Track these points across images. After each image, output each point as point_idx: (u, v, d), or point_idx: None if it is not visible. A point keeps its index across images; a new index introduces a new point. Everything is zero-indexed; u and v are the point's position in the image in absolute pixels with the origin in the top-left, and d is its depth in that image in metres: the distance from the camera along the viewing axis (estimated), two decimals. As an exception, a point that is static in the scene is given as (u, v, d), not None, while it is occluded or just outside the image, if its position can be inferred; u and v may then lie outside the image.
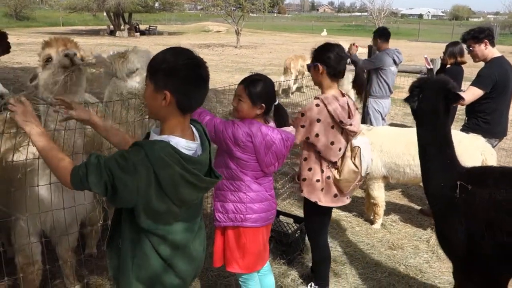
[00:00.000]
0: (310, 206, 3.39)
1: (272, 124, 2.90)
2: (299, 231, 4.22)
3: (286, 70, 13.38)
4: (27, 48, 24.23)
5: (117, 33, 38.44)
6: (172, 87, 1.79)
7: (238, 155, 2.76)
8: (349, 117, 3.17)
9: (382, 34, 6.62)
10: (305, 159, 3.31)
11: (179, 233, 1.93)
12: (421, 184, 4.36)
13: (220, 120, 2.77)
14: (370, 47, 6.93)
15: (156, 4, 42.97)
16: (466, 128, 4.97)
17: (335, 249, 4.51)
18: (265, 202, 2.89)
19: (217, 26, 48.44)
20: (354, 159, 3.25)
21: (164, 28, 47.43)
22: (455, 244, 2.76)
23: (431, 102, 2.83)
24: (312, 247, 3.66)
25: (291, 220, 4.48)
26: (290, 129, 2.87)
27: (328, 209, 3.45)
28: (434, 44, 30.60)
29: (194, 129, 1.98)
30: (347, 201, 3.45)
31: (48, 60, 2.74)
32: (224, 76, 16.07)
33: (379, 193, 4.96)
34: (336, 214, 5.10)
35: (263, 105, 2.77)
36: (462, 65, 6.19)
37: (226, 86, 4.64)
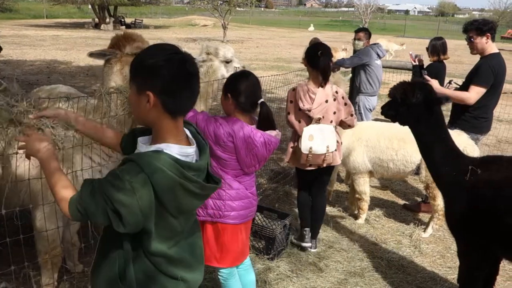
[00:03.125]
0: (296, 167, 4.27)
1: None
2: (283, 227, 4.22)
3: None
4: (9, 41, 23.80)
5: (102, 26, 37.99)
6: (154, 87, 1.61)
7: (218, 154, 2.74)
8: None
9: (365, 32, 6.68)
10: (292, 133, 4.03)
11: (181, 246, 1.81)
12: (405, 179, 4.38)
13: (202, 117, 2.75)
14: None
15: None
16: (453, 124, 4.92)
17: (319, 244, 4.52)
18: (245, 200, 2.87)
19: (204, 20, 48.14)
20: (300, 136, 3.86)
21: (150, 22, 46.98)
22: (463, 223, 3.04)
23: (432, 104, 3.17)
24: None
25: (275, 215, 4.47)
26: (275, 132, 2.80)
27: (302, 171, 4.12)
28: (420, 40, 30.80)
29: (188, 132, 1.81)
30: (310, 167, 4.01)
31: None
32: (210, 71, 15.97)
33: (365, 188, 4.98)
34: (320, 209, 5.10)
35: (228, 95, 2.75)
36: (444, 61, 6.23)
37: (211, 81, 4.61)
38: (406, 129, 4.81)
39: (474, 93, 4.59)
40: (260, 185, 5.93)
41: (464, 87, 4.78)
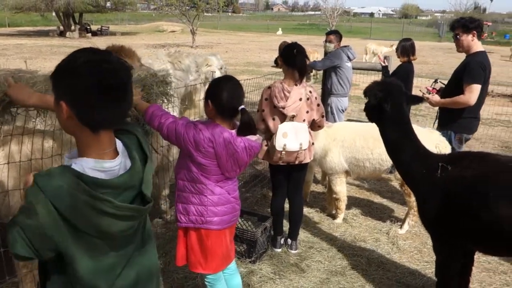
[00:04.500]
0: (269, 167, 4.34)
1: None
2: (263, 229, 4.24)
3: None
4: (-33, 51, 23.13)
5: (67, 33, 37.26)
6: (67, 97, 1.43)
7: (199, 160, 2.71)
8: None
9: (336, 35, 6.79)
10: (264, 132, 4.03)
11: (124, 275, 1.61)
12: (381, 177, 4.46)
13: (182, 122, 2.72)
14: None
15: (108, 4, 41.91)
16: (442, 126, 4.86)
17: (299, 245, 4.56)
18: (227, 205, 2.86)
19: (172, 26, 47.82)
20: (275, 133, 3.92)
21: (117, 29, 46.35)
22: (435, 219, 3.09)
23: (399, 106, 3.24)
24: None
25: (255, 219, 4.49)
26: (256, 137, 2.79)
27: (275, 167, 4.17)
28: (385, 42, 31.43)
29: (120, 144, 1.61)
30: (281, 162, 4.05)
31: None
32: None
33: (341, 188, 5.06)
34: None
35: (209, 101, 2.74)
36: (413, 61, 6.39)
37: (182, 87, 4.62)
38: (381, 128, 4.96)
39: (472, 93, 4.46)
40: (240, 189, 5.93)
41: (452, 85, 4.73)
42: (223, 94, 2.70)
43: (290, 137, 3.91)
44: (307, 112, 3.99)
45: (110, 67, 1.43)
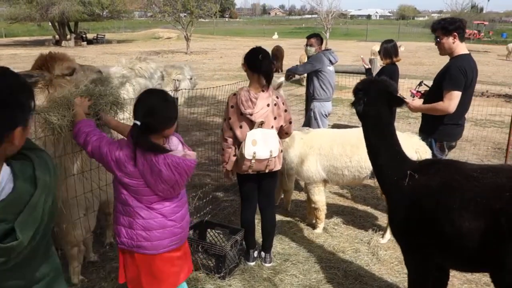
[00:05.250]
0: (237, 176, 4.08)
1: (174, 142, 2.60)
2: (234, 242, 4.04)
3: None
4: (-37, 62, 23.00)
5: (63, 43, 37.26)
6: None
7: (124, 181, 2.50)
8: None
9: (317, 38, 6.62)
10: (226, 140, 3.87)
11: None
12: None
13: (107, 140, 2.53)
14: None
15: (104, 13, 41.90)
16: (424, 132, 4.60)
17: (275, 257, 4.36)
18: (160, 230, 2.60)
19: (168, 33, 47.83)
20: (243, 142, 3.75)
21: (113, 36, 46.35)
22: (403, 229, 2.95)
23: (375, 107, 3.00)
24: None
25: (227, 231, 4.30)
26: (182, 153, 2.53)
27: (243, 176, 3.98)
28: (381, 44, 31.27)
29: (7, 171, 1.46)
30: (250, 171, 3.86)
31: None
32: (171, 83, 15.75)
33: (320, 197, 4.85)
34: (278, 221, 4.94)
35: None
36: (397, 63, 6.21)
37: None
38: (358, 135, 4.76)
39: (451, 100, 4.20)
40: (216, 199, 5.75)
41: (433, 89, 4.49)
42: (140, 107, 2.49)
43: (260, 144, 3.74)
44: (275, 118, 3.84)
45: None
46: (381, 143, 3.07)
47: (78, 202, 3.44)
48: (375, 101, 3.01)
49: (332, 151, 4.67)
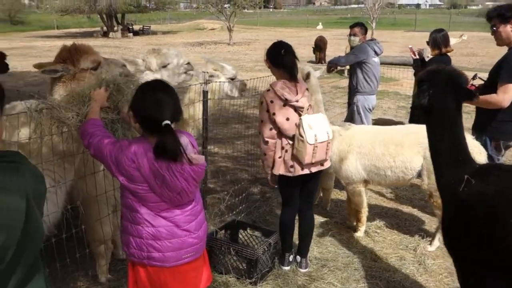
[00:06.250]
0: (279, 180, 3.77)
1: (184, 142, 2.26)
2: (267, 246, 3.79)
3: None
4: (17, 53, 23.81)
5: (110, 34, 38.11)
6: None
7: (127, 186, 2.26)
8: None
9: (361, 27, 6.21)
10: (267, 143, 3.60)
11: None
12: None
13: (109, 141, 2.30)
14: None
15: (150, 4, 42.52)
16: (477, 130, 4.20)
17: (311, 262, 4.08)
18: (173, 240, 2.34)
19: (212, 24, 47.92)
20: (299, 130, 3.50)
21: (158, 28, 46.98)
22: (455, 241, 2.64)
23: (442, 100, 2.65)
24: None
25: (259, 233, 4.05)
26: (195, 157, 2.27)
27: (289, 180, 3.68)
28: (453, 33, 30.12)
29: None
30: (302, 171, 3.61)
31: None
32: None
33: (360, 198, 4.51)
34: (316, 221, 4.64)
35: (131, 112, 2.29)
36: (448, 54, 5.74)
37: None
38: (404, 133, 4.38)
39: (505, 93, 3.83)
40: (251, 195, 5.50)
41: (489, 83, 4.09)
42: (142, 102, 2.24)
43: (316, 128, 3.53)
44: (310, 106, 3.70)
45: None
46: (445, 140, 2.70)
47: (104, 199, 3.30)
48: (442, 94, 2.64)
49: (373, 149, 4.31)
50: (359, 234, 4.63)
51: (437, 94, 2.62)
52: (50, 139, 2.63)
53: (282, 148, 3.63)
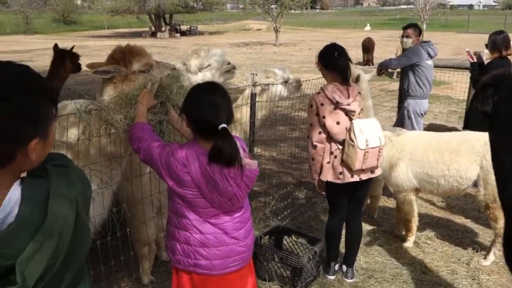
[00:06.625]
0: (326, 186, 3.64)
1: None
2: (313, 254, 3.68)
3: None
4: (69, 52, 24.64)
5: (158, 34, 38.91)
6: None
7: (176, 190, 2.21)
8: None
9: (414, 28, 5.99)
10: (315, 147, 3.50)
11: None
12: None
13: (158, 144, 2.25)
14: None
15: (197, 5, 43.14)
16: None
17: (357, 272, 3.94)
18: (221, 248, 2.28)
19: (258, 25, 48.08)
20: (349, 134, 3.39)
21: (205, 28, 47.55)
22: None
23: (508, 107, 2.42)
24: None
25: (305, 240, 3.95)
26: (246, 162, 2.20)
27: (337, 187, 3.54)
28: (484, 36, 28.95)
29: (17, 194, 1.20)
30: (352, 179, 3.49)
31: None
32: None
33: (410, 207, 4.32)
34: (363, 229, 4.48)
35: (183, 114, 2.24)
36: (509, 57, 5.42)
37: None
38: (459, 140, 4.16)
39: None
40: (296, 200, 5.40)
41: None
42: (197, 106, 2.18)
43: (367, 132, 3.40)
44: (362, 110, 3.58)
45: None
46: (509, 150, 2.52)
47: (148, 201, 3.30)
48: (509, 100, 2.45)
49: (426, 157, 4.11)
50: (408, 244, 4.44)
51: (504, 101, 2.43)
52: (98, 141, 2.62)
53: (331, 153, 3.52)
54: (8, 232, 1.11)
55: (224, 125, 2.12)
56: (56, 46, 6.46)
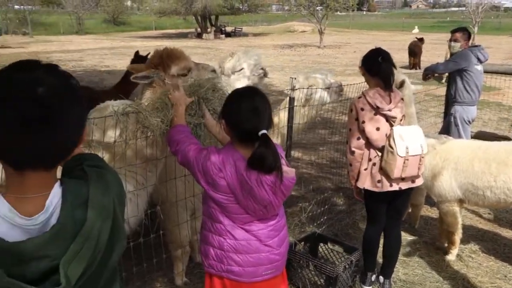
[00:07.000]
0: (364, 194, 3.57)
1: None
2: (349, 263, 3.58)
3: None
4: (117, 52, 25.44)
5: (204, 35, 39.43)
6: None
7: (211, 194, 2.18)
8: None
9: (463, 32, 5.75)
10: (353, 153, 3.42)
11: None
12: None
13: (196, 147, 2.23)
14: None
15: (243, 6, 43.44)
16: None
17: (395, 284, 3.81)
18: (254, 255, 2.24)
19: (303, 26, 47.88)
20: (389, 141, 3.29)
21: (250, 30, 47.80)
22: None
23: None
24: None
25: (341, 249, 3.85)
26: (285, 169, 2.10)
27: (375, 195, 3.44)
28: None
29: (58, 194, 1.21)
30: (390, 188, 3.38)
31: None
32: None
33: (454, 219, 4.13)
34: (403, 239, 4.34)
35: (222, 119, 2.20)
36: None
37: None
38: (508, 150, 3.94)
39: None
40: (334, 206, 5.29)
41: None
42: (237, 111, 2.14)
43: (408, 139, 3.29)
44: (403, 116, 3.49)
45: (20, 93, 1.08)
46: None
47: (182, 204, 3.31)
48: None
49: (472, 166, 3.92)
50: (451, 257, 4.25)
51: None
52: (134, 143, 2.64)
53: (369, 160, 3.42)
54: (52, 234, 1.13)
55: (264, 131, 2.08)
56: (137, 52, 6.84)
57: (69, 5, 47.12)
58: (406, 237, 4.61)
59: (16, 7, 47.18)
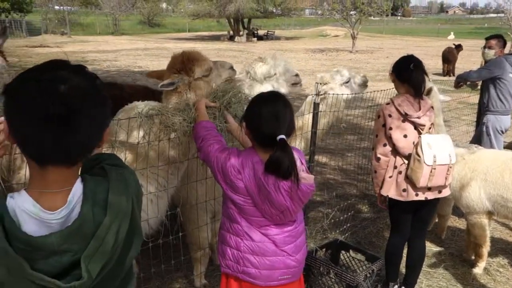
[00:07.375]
0: (389, 203, 3.53)
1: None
2: (370, 272, 3.52)
3: None
4: (150, 53, 25.84)
5: (236, 38, 39.63)
6: (9, 121, 1.17)
7: (229, 195, 2.18)
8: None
9: (498, 39, 5.59)
10: (378, 159, 3.37)
11: None
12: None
13: (218, 147, 2.24)
14: None
15: (276, 10, 43.51)
16: None
17: (418, 296, 3.73)
18: (271, 258, 2.21)
19: (335, 31, 47.59)
20: (416, 148, 3.22)
21: (282, 33, 47.81)
22: None
23: None
24: None
25: (363, 257, 3.79)
26: (302, 176, 2.08)
27: (400, 204, 3.39)
28: None
29: (79, 190, 1.25)
30: (416, 197, 3.30)
31: None
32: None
33: (482, 232, 4.01)
34: (428, 249, 4.25)
35: (243, 122, 2.21)
36: None
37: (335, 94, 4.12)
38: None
39: None
40: (358, 213, 5.22)
41: None
42: (258, 115, 2.13)
43: (436, 148, 3.21)
44: (432, 124, 3.40)
45: (51, 88, 1.13)
46: None
47: (203, 206, 3.33)
48: None
49: (502, 178, 3.80)
50: (478, 270, 4.12)
51: None
52: (157, 145, 2.67)
53: (395, 167, 3.35)
54: (73, 228, 1.18)
55: (282, 136, 2.07)
56: None
57: (106, 6, 48.24)
58: (431, 247, 4.51)
59: (56, 7, 48.54)
